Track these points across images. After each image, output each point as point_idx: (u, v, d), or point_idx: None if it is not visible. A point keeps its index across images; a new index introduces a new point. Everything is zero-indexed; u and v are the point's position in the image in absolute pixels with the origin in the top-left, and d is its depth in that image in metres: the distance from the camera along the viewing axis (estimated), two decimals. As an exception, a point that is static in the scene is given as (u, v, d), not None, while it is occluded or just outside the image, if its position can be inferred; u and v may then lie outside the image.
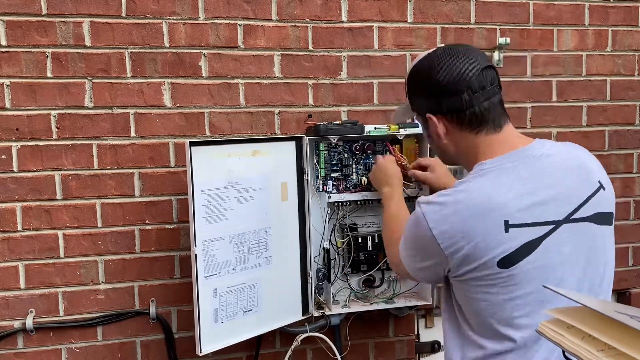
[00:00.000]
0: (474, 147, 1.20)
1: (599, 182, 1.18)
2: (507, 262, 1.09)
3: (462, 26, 2.06)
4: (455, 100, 1.17)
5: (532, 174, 1.13)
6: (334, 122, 1.82)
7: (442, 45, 1.24)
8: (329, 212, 1.84)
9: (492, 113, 1.18)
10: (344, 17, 1.96)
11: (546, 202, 1.11)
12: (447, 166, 1.66)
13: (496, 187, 1.12)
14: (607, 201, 1.18)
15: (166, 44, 1.84)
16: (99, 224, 1.84)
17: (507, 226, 1.09)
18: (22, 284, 1.80)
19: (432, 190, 1.75)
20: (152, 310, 1.87)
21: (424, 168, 1.72)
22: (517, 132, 1.24)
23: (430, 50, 1.24)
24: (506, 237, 1.09)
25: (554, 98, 2.16)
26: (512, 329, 1.13)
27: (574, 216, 1.13)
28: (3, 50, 1.75)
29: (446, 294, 1.28)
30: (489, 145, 1.18)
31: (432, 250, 1.15)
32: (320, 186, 1.85)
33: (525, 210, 1.10)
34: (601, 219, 1.16)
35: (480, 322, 1.17)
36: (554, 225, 1.12)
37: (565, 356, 0.77)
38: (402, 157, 1.82)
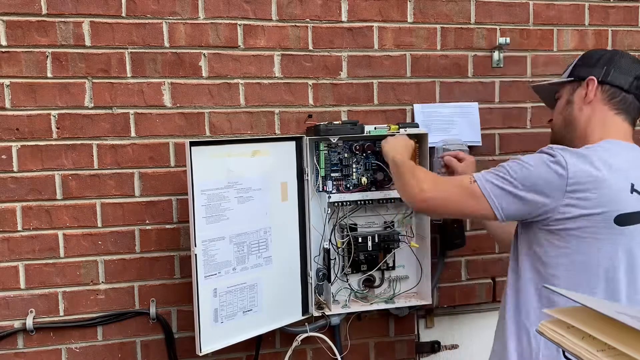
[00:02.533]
0: (606, 124, 1.34)
1: None
2: (623, 220, 1.20)
3: (462, 26, 2.06)
4: (623, 78, 1.34)
5: None
6: (334, 122, 1.82)
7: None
8: (329, 212, 1.84)
9: (633, 109, 1.36)
10: (344, 17, 1.96)
11: None
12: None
13: (626, 156, 1.27)
14: None
15: (166, 44, 1.84)
16: (99, 224, 1.84)
17: (633, 189, 1.22)
18: (22, 284, 1.80)
19: None
20: (152, 310, 1.87)
21: (459, 161, 1.79)
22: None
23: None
24: (630, 198, 1.22)
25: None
26: (606, 282, 1.24)
27: None
28: (3, 50, 1.75)
29: (520, 262, 1.34)
30: (620, 130, 1.34)
31: (553, 183, 1.22)
32: (320, 186, 1.85)
33: None
34: None
35: (571, 279, 1.24)
36: None
37: (565, 356, 0.77)
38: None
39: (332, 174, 1.86)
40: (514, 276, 1.38)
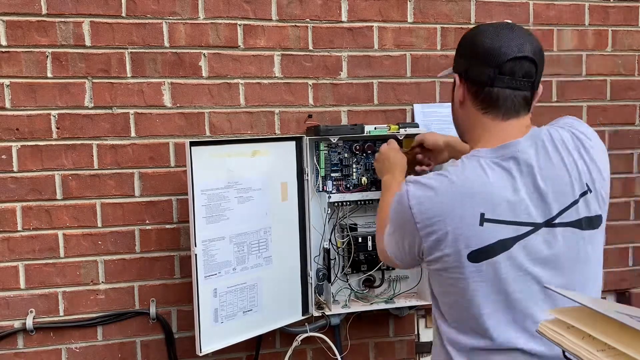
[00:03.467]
0: (479, 126, 1.18)
1: (587, 184, 1.13)
2: (477, 256, 1.07)
3: (462, 26, 2.06)
4: (481, 72, 1.14)
5: (518, 174, 1.10)
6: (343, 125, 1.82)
7: (509, 21, 1.23)
8: (329, 212, 1.84)
9: (508, 102, 1.14)
10: (344, 17, 1.96)
11: (528, 203, 1.09)
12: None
13: (481, 178, 1.10)
14: (594, 204, 1.14)
15: (166, 44, 1.84)
16: (99, 224, 1.84)
17: (483, 219, 1.07)
18: (22, 284, 1.80)
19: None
20: (152, 310, 1.87)
21: (425, 150, 1.68)
22: (524, 126, 1.19)
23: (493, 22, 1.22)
24: (479, 231, 1.07)
25: (554, 98, 2.16)
26: (483, 326, 1.11)
27: (556, 221, 1.10)
28: (3, 50, 1.75)
29: (430, 287, 1.27)
30: (489, 131, 1.16)
31: (409, 228, 1.15)
32: (320, 186, 1.85)
33: (506, 207, 1.08)
34: (587, 223, 1.12)
35: (456, 316, 1.17)
36: (532, 227, 1.09)
37: (565, 356, 0.77)
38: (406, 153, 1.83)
39: (332, 174, 1.86)
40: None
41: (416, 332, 2.13)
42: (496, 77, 1.12)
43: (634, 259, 2.28)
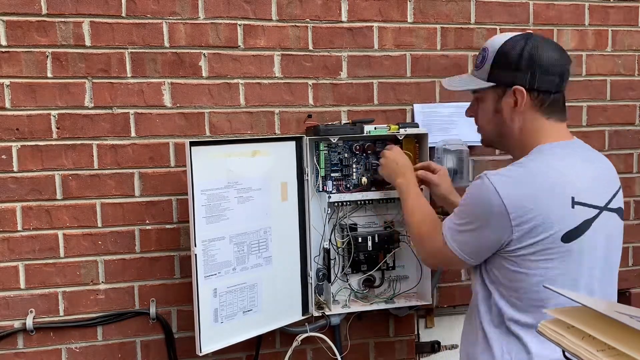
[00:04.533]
0: (540, 130, 1.28)
1: (619, 181, 1.35)
2: (569, 237, 1.18)
3: (462, 26, 2.06)
4: (550, 81, 1.26)
5: (584, 162, 1.26)
6: (334, 123, 1.83)
7: (536, 34, 1.33)
8: (329, 212, 1.84)
9: (564, 106, 1.31)
10: (344, 17, 1.96)
11: (595, 188, 1.24)
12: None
13: (564, 165, 1.22)
14: (622, 199, 1.34)
15: (166, 44, 1.84)
16: (99, 224, 1.84)
17: (574, 202, 1.18)
18: (22, 284, 1.80)
19: (432, 201, 1.74)
20: (152, 310, 1.87)
21: (431, 172, 1.71)
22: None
23: (519, 33, 1.32)
24: (571, 213, 1.18)
25: (554, 98, 2.16)
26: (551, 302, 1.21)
27: (610, 205, 1.26)
28: (3, 50, 1.75)
29: (482, 283, 1.31)
30: (552, 132, 1.28)
31: (498, 221, 1.19)
32: (320, 186, 1.85)
33: (587, 190, 1.21)
34: (621, 213, 1.33)
35: (528, 300, 1.22)
36: (599, 210, 1.24)
37: (565, 356, 0.77)
38: (406, 153, 1.83)
39: (332, 174, 1.86)
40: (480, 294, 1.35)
41: (416, 332, 2.14)
42: (561, 84, 1.28)
43: (634, 259, 2.28)
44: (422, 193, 1.63)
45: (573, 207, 1.18)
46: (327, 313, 1.85)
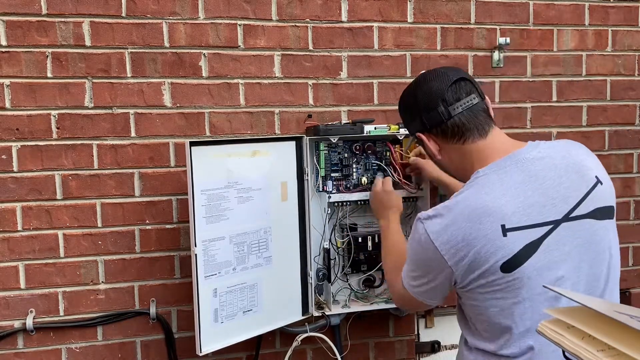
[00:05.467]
0: (467, 156, 1.23)
1: (596, 177, 1.20)
2: (510, 266, 1.11)
3: (462, 26, 2.06)
4: (434, 115, 1.22)
5: (526, 177, 1.15)
6: (334, 123, 1.83)
7: (424, 71, 1.32)
8: (329, 212, 1.84)
9: (475, 121, 1.22)
10: (344, 17, 1.96)
11: (542, 203, 1.13)
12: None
13: (490, 192, 1.14)
14: (607, 195, 1.21)
15: (166, 44, 1.84)
16: (99, 224, 1.84)
17: (505, 230, 1.11)
18: (22, 284, 1.80)
19: (432, 184, 1.79)
20: (152, 310, 1.87)
21: (424, 157, 1.76)
22: (506, 136, 1.26)
23: (412, 81, 1.32)
24: (505, 242, 1.11)
25: (554, 98, 2.16)
26: (526, 333, 1.14)
27: (573, 214, 1.15)
28: (3, 50, 1.75)
29: (459, 310, 1.29)
30: (480, 152, 1.22)
31: (437, 264, 1.17)
32: (320, 186, 1.85)
33: (522, 212, 1.12)
34: (601, 213, 1.18)
35: (494, 331, 1.18)
36: (552, 225, 1.13)
37: (565, 356, 0.77)
38: (407, 152, 1.83)
39: (332, 174, 1.86)
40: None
41: (416, 332, 2.14)
42: (448, 109, 1.21)
43: (634, 259, 2.28)
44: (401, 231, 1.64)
45: (505, 235, 1.11)
46: (327, 313, 1.85)
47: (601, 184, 1.20)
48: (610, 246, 1.21)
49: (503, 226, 1.11)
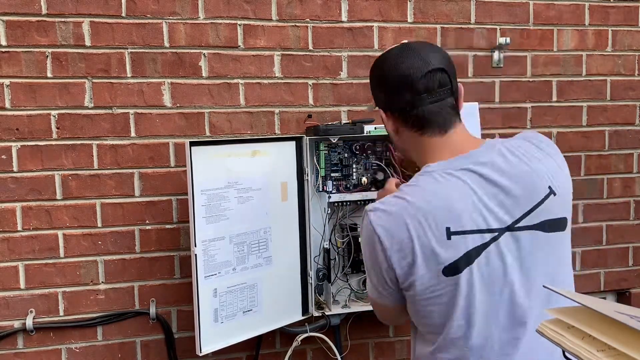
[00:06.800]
0: (420, 147, 1.18)
1: (549, 187, 1.11)
2: (452, 270, 1.07)
3: (462, 26, 2.06)
4: (400, 100, 1.15)
5: (476, 181, 1.10)
6: (334, 123, 1.82)
7: (406, 41, 1.23)
8: (329, 212, 1.84)
9: (439, 116, 1.15)
10: (344, 17, 1.96)
11: (489, 209, 1.08)
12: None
13: (439, 192, 1.09)
14: (558, 206, 1.12)
15: (166, 44, 1.84)
16: (99, 224, 1.84)
17: (450, 233, 1.07)
18: (22, 284, 1.80)
19: None
20: (152, 310, 1.87)
21: None
22: (468, 134, 1.19)
23: (394, 45, 1.22)
24: (449, 244, 1.06)
25: (554, 98, 2.16)
26: (462, 339, 1.10)
27: (519, 224, 1.10)
28: (3, 50, 1.75)
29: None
30: (433, 148, 1.16)
31: (382, 259, 1.11)
32: (320, 186, 1.85)
33: (467, 217, 1.07)
34: (550, 226, 1.12)
35: (434, 333, 1.14)
36: (496, 234, 1.09)
37: (565, 356, 0.77)
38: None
39: (332, 174, 1.86)
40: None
41: (416, 332, 2.13)
42: (415, 98, 1.13)
43: (634, 259, 2.28)
44: None
45: (449, 238, 1.06)
46: (327, 313, 1.85)
47: (554, 194, 1.11)
48: (559, 260, 1.14)
49: (448, 229, 1.06)
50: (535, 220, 1.10)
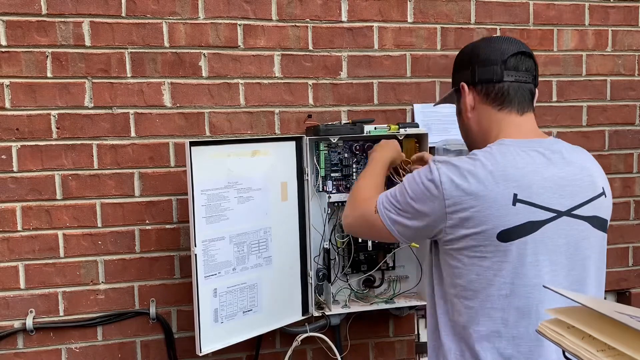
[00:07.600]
0: (496, 124, 1.23)
1: (602, 188, 1.21)
2: (507, 236, 1.10)
3: (462, 26, 2.06)
4: (488, 71, 1.22)
5: (547, 162, 1.16)
6: (334, 123, 1.82)
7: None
8: (329, 212, 1.84)
9: (520, 96, 1.22)
10: (344, 17, 1.96)
11: (554, 190, 1.14)
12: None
13: (514, 160, 1.14)
14: (606, 209, 1.22)
15: (166, 44, 1.84)
16: (99, 224, 1.84)
17: (515, 200, 1.11)
18: (22, 284, 1.80)
19: None
20: (152, 310, 1.87)
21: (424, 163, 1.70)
22: (537, 126, 1.26)
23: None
24: (512, 211, 1.11)
25: (554, 98, 2.16)
26: (499, 311, 1.13)
27: (576, 212, 1.16)
28: (3, 50, 1.75)
29: (433, 270, 1.26)
30: (510, 125, 1.22)
31: (433, 205, 1.15)
32: (320, 186, 1.85)
33: (535, 191, 1.12)
34: (598, 223, 1.20)
35: (469, 299, 1.15)
36: (555, 214, 1.14)
37: (565, 356, 0.77)
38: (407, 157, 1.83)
39: (332, 174, 1.86)
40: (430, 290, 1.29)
41: (416, 332, 2.13)
42: (503, 72, 1.21)
43: (634, 259, 2.28)
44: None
45: (514, 204, 1.10)
46: (327, 313, 1.85)
47: (605, 196, 1.21)
48: (601, 257, 1.22)
49: (515, 195, 1.11)
50: (589, 213, 1.18)
